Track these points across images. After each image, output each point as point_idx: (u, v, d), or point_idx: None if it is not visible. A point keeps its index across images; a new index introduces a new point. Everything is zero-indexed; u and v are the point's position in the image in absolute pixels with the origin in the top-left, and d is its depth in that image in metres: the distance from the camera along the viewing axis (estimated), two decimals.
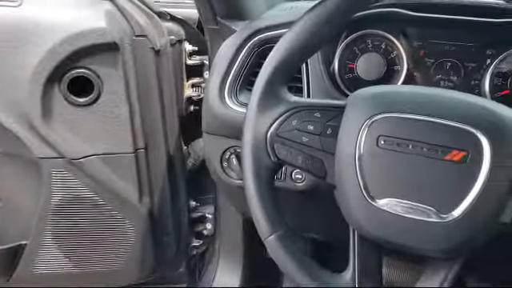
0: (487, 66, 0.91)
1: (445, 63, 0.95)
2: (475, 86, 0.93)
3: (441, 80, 0.96)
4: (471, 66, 0.93)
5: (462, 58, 0.94)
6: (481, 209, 0.62)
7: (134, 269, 1.39)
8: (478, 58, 0.93)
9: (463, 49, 0.94)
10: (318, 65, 0.99)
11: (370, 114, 0.68)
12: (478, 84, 0.92)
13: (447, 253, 0.66)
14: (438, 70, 0.96)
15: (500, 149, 0.62)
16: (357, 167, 0.67)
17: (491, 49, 0.92)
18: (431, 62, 0.96)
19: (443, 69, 0.95)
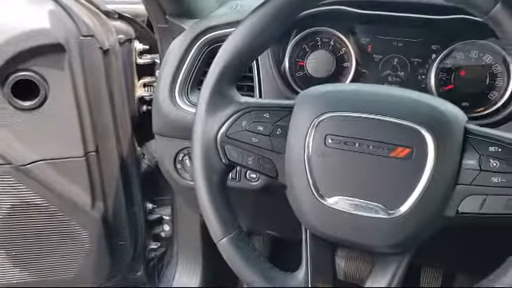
0: (432, 61, 0.93)
1: (392, 59, 0.97)
2: (422, 81, 0.95)
3: (389, 75, 0.97)
4: (417, 61, 0.95)
5: (408, 53, 0.96)
6: (426, 204, 0.63)
7: (90, 274, 1.35)
8: (424, 54, 0.95)
9: (409, 45, 0.96)
10: (268, 63, 0.99)
11: (317, 113, 0.68)
12: (425, 79, 0.94)
13: (395, 248, 0.67)
14: (386, 65, 0.97)
15: (443, 144, 0.63)
16: (306, 166, 0.68)
17: (436, 44, 0.94)
18: (379, 58, 0.97)
19: (391, 64, 0.97)
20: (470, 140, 0.64)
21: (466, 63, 0.91)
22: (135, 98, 1.35)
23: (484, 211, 0.63)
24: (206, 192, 0.73)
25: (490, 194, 0.62)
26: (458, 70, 0.91)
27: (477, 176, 0.63)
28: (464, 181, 0.64)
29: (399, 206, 0.64)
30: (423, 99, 0.67)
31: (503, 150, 0.62)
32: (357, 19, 0.97)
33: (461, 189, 0.64)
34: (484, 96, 0.90)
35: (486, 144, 0.63)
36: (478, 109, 0.91)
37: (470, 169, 0.63)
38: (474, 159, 0.63)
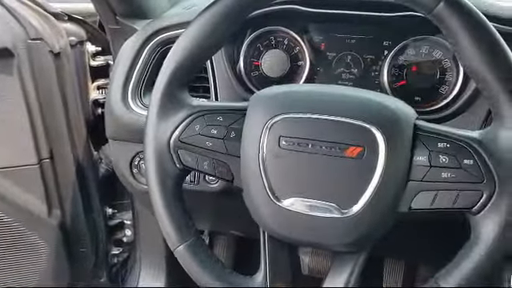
0: (385, 58, 0.94)
1: (345, 56, 0.97)
2: (375, 78, 0.96)
3: (343, 73, 0.98)
4: (370, 58, 0.96)
5: (361, 50, 0.96)
6: (379, 202, 0.64)
7: (49, 284, 1.32)
8: (376, 51, 0.95)
9: (362, 42, 0.96)
10: (222, 64, 0.98)
11: (270, 115, 0.68)
12: (378, 75, 0.95)
13: (351, 246, 0.68)
14: (340, 63, 0.97)
15: (394, 142, 0.64)
16: (261, 169, 0.67)
17: (387, 41, 0.95)
18: (333, 56, 0.98)
19: (344, 62, 0.97)
20: (419, 137, 0.65)
21: (417, 59, 0.93)
22: (89, 101, 1.32)
23: (435, 206, 0.64)
24: (160, 199, 0.71)
25: (441, 190, 0.64)
26: (409, 66, 0.93)
27: (427, 172, 0.64)
28: (415, 177, 0.65)
29: (352, 205, 0.65)
30: (374, 98, 0.68)
31: (452, 146, 0.64)
32: (310, 18, 0.97)
33: (412, 185, 0.65)
34: (435, 90, 0.92)
35: (436, 140, 0.65)
36: (430, 103, 0.92)
37: (420, 165, 0.64)
38: (424, 156, 0.64)
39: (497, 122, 0.62)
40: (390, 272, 1.44)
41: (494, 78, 0.60)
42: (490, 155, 0.61)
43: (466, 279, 0.62)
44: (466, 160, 0.62)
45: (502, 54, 0.61)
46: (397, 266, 1.43)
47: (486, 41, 0.61)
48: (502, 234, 0.61)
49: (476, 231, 0.63)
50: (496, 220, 0.61)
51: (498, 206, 0.61)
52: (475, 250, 0.62)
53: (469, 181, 0.62)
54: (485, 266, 0.62)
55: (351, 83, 0.98)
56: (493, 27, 0.61)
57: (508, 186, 0.60)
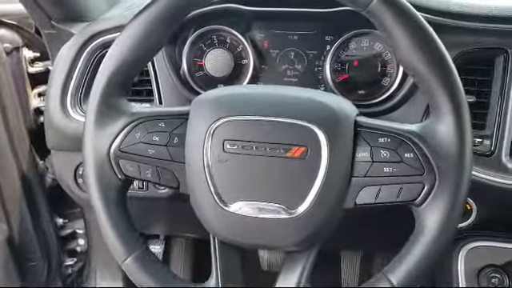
0: (327, 53, 0.95)
1: (289, 53, 0.97)
2: (318, 73, 0.96)
3: (287, 69, 0.97)
4: (313, 53, 0.96)
5: (304, 46, 0.96)
6: (325, 200, 0.64)
7: None
8: (319, 46, 0.96)
9: (304, 38, 0.96)
10: (165, 65, 0.95)
11: (213, 119, 0.67)
12: (321, 70, 0.96)
13: (301, 245, 0.68)
14: (284, 60, 0.97)
15: (335, 140, 0.64)
16: (206, 174, 0.66)
17: (329, 35, 0.95)
18: (276, 53, 0.97)
19: (288, 58, 0.97)
20: (360, 133, 0.66)
21: (359, 53, 0.93)
22: (30, 110, 1.26)
23: (380, 201, 0.65)
24: (103, 212, 0.69)
25: (384, 184, 0.64)
26: (351, 60, 0.93)
27: (370, 167, 0.65)
28: (358, 173, 0.65)
29: (299, 205, 0.65)
30: (315, 97, 0.68)
31: (392, 140, 0.64)
32: (251, 16, 0.96)
33: (356, 181, 0.65)
34: (378, 83, 0.93)
35: (376, 136, 0.65)
36: (373, 96, 0.93)
37: (363, 161, 0.65)
38: (365, 151, 0.65)
39: (434, 115, 0.63)
40: (348, 264, 1.46)
41: (429, 72, 0.61)
42: (429, 148, 0.63)
43: (413, 271, 0.63)
44: (407, 153, 0.63)
45: (435, 49, 0.62)
46: (353, 258, 1.45)
47: (420, 36, 0.61)
48: (444, 224, 0.62)
49: (420, 222, 0.64)
50: (438, 210, 0.62)
51: (439, 197, 0.62)
52: (420, 241, 0.63)
53: (410, 174, 0.63)
54: (430, 256, 0.63)
55: (296, 79, 0.98)
56: (426, 23, 0.62)
57: (447, 177, 0.62)
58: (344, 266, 1.47)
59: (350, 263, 1.46)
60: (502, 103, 0.86)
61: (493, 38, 0.86)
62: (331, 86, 0.94)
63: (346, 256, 1.47)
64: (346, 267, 1.47)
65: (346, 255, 1.46)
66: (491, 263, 0.88)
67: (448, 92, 0.61)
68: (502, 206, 0.87)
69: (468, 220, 0.88)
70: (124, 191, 0.72)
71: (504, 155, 0.86)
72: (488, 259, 0.88)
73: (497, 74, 0.86)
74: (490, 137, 0.86)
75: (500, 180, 0.85)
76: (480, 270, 0.88)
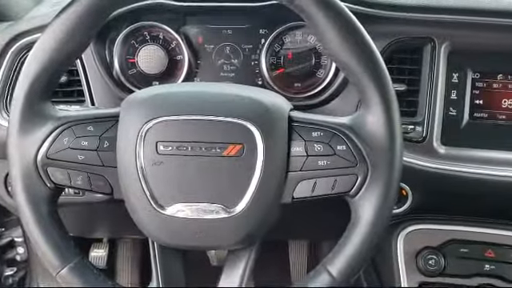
0: (262, 46, 0.94)
1: (224, 47, 0.96)
2: (255, 67, 0.96)
3: (224, 64, 0.96)
4: (248, 47, 0.96)
5: (239, 41, 0.96)
6: (263, 196, 0.64)
7: None
8: (254, 40, 0.95)
9: (239, 32, 0.96)
10: (94, 64, 0.92)
11: (144, 120, 0.65)
12: (258, 64, 0.95)
13: (242, 243, 0.68)
14: (219, 55, 0.96)
15: (270, 136, 0.64)
16: (140, 178, 0.64)
17: (264, 29, 0.95)
18: (211, 48, 0.96)
19: (224, 53, 0.96)
20: (294, 128, 0.66)
21: (293, 45, 0.94)
22: None
23: (316, 194, 0.65)
24: (34, 224, 0.66)
25: (319, 177, 0.65)
26: (286, 53, 0.94)
27: (305, 161, 0.65)
28: (294, 168, 0.65)
29: (238, 203, 0.64)
30: (248, 94, 0.67)
31: (325, 134, 0.65)
32: (183, 11, 0.94)
33: (293, 176, 0.66)
34: (313, 75, 0.94)
35: (310, 130, 0.66)
36: (309, 88, 0.94)
37: (298, 156, 0.65)
38: (300, 146, 0.65)
39: (364, 107, 0.65)
40: (295, 252, 1.48)
41: (356, 65, 0.62)
42: (360, 139, 0.64)
43: (351, 260, 0.64)
44: (339, 146, 0.64)
45: (362, 42, 0.62)
46: (301, 246, 1.47)
47: (346, 30, 0.62)
48: (378, 213, 0.63)
49: (355, 213, 0.65)
50: (372, 200, 0.63)
51: (372, 187, 0.63)
52: (356, 231, 0.64)
53: (343, 166, 0.64)
54: (367, 244, 0.64)
55: (233, 74, 0.97)
56: (352, 16, 0.62)
57: (379, 167, 0.63)
58: (292, 255, 1.49)
59: (298, 251, 1.48)
60: (431, 90, 0.88)
61: (421, 28, 0.88)
62: (268, 80, 0.94)
63: (293, 244, 1.49)
64: (293, 255, 1.49)
65: (294, 243, 1.48)
66: (428, 245, 0.91)
67: (376, 84, 0.62)
68: (435, 190, 0.90)
69: (404, 205, 0.91)
70: (54, 200, 0.69)
71: (435, 140, 0.89)
72: (425, 242, 0.92)
73: (425, 62, 0.89)
74: (421, 123, 0.89)
75: (432, 165, 0.88)
76: (418, 252, 0.91)
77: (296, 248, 1.48)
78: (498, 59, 0.89)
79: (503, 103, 0.89)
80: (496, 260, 0.90)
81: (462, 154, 0.89)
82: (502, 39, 0.88)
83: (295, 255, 1.48)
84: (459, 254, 0.91)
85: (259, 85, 0.96)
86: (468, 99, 0.90)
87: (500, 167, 0.87)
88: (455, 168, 0.87)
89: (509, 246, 0.90)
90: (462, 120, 0.90)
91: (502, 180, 0.87)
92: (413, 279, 0.91)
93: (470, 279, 0.90)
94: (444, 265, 0.90)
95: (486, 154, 0.89)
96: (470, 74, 0.90)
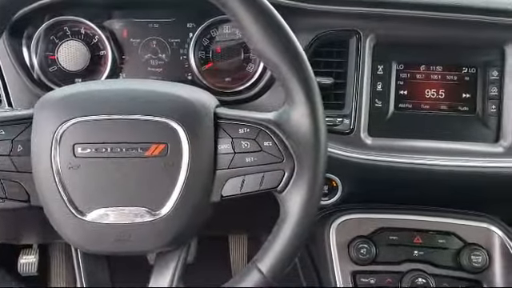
0: (190, 40, 0.92)
1: (151, 42, 0.93)
2: (184, 62, 0.93)
3: (150, 59, 0.93)
4: (176, 41, 0.93)
5: (166, 35, 0.93)
6: (190, 196, 0.63)
7: None
8: (181, 34, 0.93)
9: (166, 25, 0.93)
10: (10, 63, 0.86)
11: (59, 121, 0.61)
12: (186, 59, 0.93)
13: (170, 245, 0.66)
14: (146, 49, 0.93)
15: (195, 134, 0.62)
16: (57, 183, 0.61)
17: (191, 23, 0.93)
18: (137, 42, 0.93)
19: (150, 48, 0.93)
20: (221, 125, 0.65)
21: (221, 39, 0.92)
22: None
23: (245, 191, 0.64)
24: None
25: (247, 174, 0.64)
26: (215, 47, 0.92)
27: (232, 159, 0.64)
28: (222, 165, 0.64)
29: (163, 205, 0.62)
30: (170, 91, 0.65)
31: (251, 130, 0.64)
32: (106, 4, 0.90)
33: (221, 174, 0.64)
34: (243, 69, 0.93)
35: (236, 126, 0.65)
36: (239, 82, 0.93)
37: (225, 153, 0.64)
38: (227, 143, 0.64)
39: (288, 102, 0.64)
40: (236, 245, 1.48)
41: (279, 60, 0.61)
42: (286, 135, 0.63)
43: (281, 256, 0.64)
44: (266, 142, 0.64)
45: (284, 37, 0.62)
46: (241, 239, 1.47)
47: (268, 25, 0.61)
48: (305, 207, 0.63)
49: (284, 208, 0.65)
50: (299, 195, 0.63)
51: (298, 182, 0.63)
52: (285, 227, 0.64)
53: (270, 162, 0.64)
54: (296, 239, 0.64)
55: (161, 69, 0.94)
56: (274, 10, 0.61)
57: (304, 162, 0.63)
58: (232, 248, 1.48)
59: (238, 244, 1.48)
60: (357, 83, 0.90)
61: (346, 21, 0.89)
62: (197, 75, 0.93)
63: (233, 238, 1.48)
64: (234, 248, 1.48)
65: (234, 238, 1.48)
66: (359, 234, 0.93)
67: (299, 79, 0.62)
68: (364, 181, 0.92)
69: (335, 197, 0.92)
70: None
71: (362, 132, 0.90)
72: (356, 231, 0.94)
73: (351, 55, 0.90)
74: (348, 116, 0.90)
75: (360, 156, 0.89)
76: (350, 241, 0.93)
77: (236, 243, 1.47)
78: (421, 51, 0.92)
79: (426, 93, 0.92)
80: (424, 246, 0.93)
81: (389, 144, 0.91)
82: (424, 31, 0.90)
83: (235, 250, 1.47)
84: (389, 241, 0.93)
85: (189, 80, 0.94)
86: (393, 90, 0.92)
87: (425, 156, 0.90)
88: (382, 158, 0.90)
89: (435, 232, 0.94)
90: (388, 111, 0.92)
91: (427, 168, 0.90)
92: (346, 268, 0.92)
93: (401, 265, 0.93)
94: (375, 253, 0.92)
95: (411, 143, 0.91)
96: (394, 65, 0.92)
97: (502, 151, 0.90)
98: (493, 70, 0.91)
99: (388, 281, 0.92)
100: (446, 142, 0.91)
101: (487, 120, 0.91)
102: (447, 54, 0.92)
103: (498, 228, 0.93)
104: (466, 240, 0.93)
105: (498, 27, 0.88)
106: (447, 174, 0.90)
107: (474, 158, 0.90)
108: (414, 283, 0.90)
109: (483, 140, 0.92)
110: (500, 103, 0.90)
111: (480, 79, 0.91)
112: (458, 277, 0.92)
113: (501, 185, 0.91)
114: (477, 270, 0.91)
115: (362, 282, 0.92)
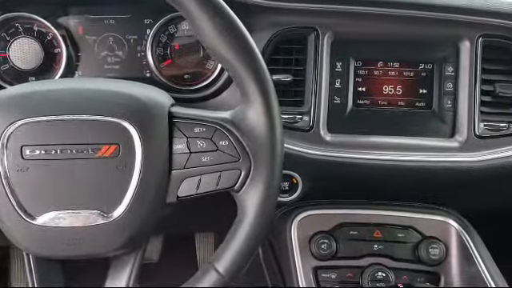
0: (148, 37, 0.91)
1: (107, 39, 0.91)
2: (142, 59, 0.92)
3: (107, 56, 0.92)
4: (133, 38, 0.92)
5: (122, 31, 0.91)
6: (144, 198, 0.61)
7: None
8: (138, 30, 0.91)
9: (122, 22, 0.91)
10: None
11: (6, 122, 0.59)
12: (144, 56, 0.91)
13: (124, 248, 0.64)
14: (102, 46, 0.91)
15: (149, 134, 0.61)
16: (5, 186, 0.59)
17: (148, 19, 0.91)
18: (93, 40, 0.91)
19: (107, 45, 0.91)
20: (176, 124, 0.64)
21: (180, 35, 0.91)
22: None
23: (201, 191, 0.64)
24: None
25: (203, 174, 0.64)
26: (173, 44, 0.91)
27: (188, 159, 0.63)
28: (177, 166, 0.63)
29: (116, 207, 0.61)
30: (123, 90, 0.64)
31: (207, 129, 0.64)
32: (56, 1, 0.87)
33: (176, 174, 0.63)
34: (202, 66, 0.92)
35: (191, 126, 0.64)
36: (199, 80, 0.92)
37: (180, 153, 0.63)
38: (182, 143, 0.63)
39: (244, 101, 0.64)
40: (202, 242, 1.47)
41: (233, 58, 0.61)
42: (242, 134, 0.63)
43: (238, 256, 0.63)
44: (222, 141, 0.63)
45: (238, 35, 0.61)
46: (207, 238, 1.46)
47: (222, 22, 0.60)
48: (262, 206, 0.63)
49: (241, 208, 0.65)
50: (256, 194, 0.63)
51: (255, 181, 0.63)
52: (242, 226, 0.64)
53: (227, 161, 0.63)
54: (253, 239, 0.64)
55: (118, 66, 0.93)
56: (227, 8, 0.61)
57: (261, 161, 0.63)
58: (199, 246, 1.47)
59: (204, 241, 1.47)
60: (316, 80, 0.90)
61: (304, 18, 0.89)
62: (156, 72, 0.91)
63: (199, 236, 1.48)
64: (200, 245, 1.48)
65: (200, 236, 1.47)
66: (320, 230, 0.94)
67: (254, 77, 0.61)
68: (324, 177, 0.93)
69: (295, 193, 0.92)
70: None
71: (322, 129, 0.91)
72: (317, 227, 0.94)
73: (310, 52, 0.90)
74: (308, 113, 0.91)
75: (320, 153, 0.90)
76: (311, 237, 0.93)
77: (203, 241, 1.46)
78: (379, 47, 0.93)
79: (384, 89, 0.93)
80: (383, 240, 0.94)
81: (348, 140, 0.92)
82: (380, 28, 0.91)
83: (202, 248, 1.46)
84: (349, 236, 0.94)
85: (147, 77, 0.92)
86: (351, 87, 0.93)
87: (383, 151, 0.91)
88: (342, 154, 0.90)
89: (394, 226, 0.95)
90: (347, 107, 0.93)
91: (385, 164, 0.91)
92: (307, 264, 0.92)
93: (361, 260, 0.93)
94: (336, 248, 0.93)
95: (370, 139, 0.92)
96: (352, 62, 0.93)
97: (457, 146, 0.92)
98: (448, 65, 0.92)
99: (349, 275, 0.93)
100: (404, 137, 0.93)
101: (443, 115, 0.93)
102: (404, 50, 0.93)
103: (454, 221, 0.95)
104: (424, 233, 0.95)
105: (453, 24, 0.90)
106: (405, 169, 0.91)
107: (431, 153, 0.91)
108: (374, 277, 0.91)
109: (439, 135, 0.93)
110: (455, 99, 0.92)
111: (436, 75, 0.93)
112: (417, 269, 0.93)
113: (456, 179, 0.93)
114: (434, 262, 0.92)
115: (323, 278, 0.92)
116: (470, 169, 0.91)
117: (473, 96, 0.91)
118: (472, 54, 0.91)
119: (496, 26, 0.90)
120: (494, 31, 0.91)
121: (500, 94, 0.91)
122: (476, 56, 0.91)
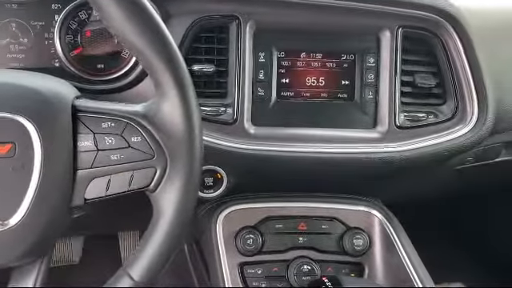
0: (56, 23, 0.83)
1: (9, 24, 0.83)
2: (50, 47, 0.85)
3: (10, 44, 0.83)
4: (40, 24, 0.84)
5: (27, 17, 0.83)
6: (45, 201, 0.56)
7: None
8: (45, 15, 0.84)
9: (27, 6, 0.83)
10: None
11: None
12: (52, 44, 0.84)
13: (26, 257, 0.58)
14: (4, 33, 0.83)
15: (49, 131, 0.56)
16: None
17: (56, 4, 0.84)
18: None
19: (9, 31, 0.83)
20: (81, 118, 0.58)
21: (91, 22, 0.84)
22: None
23: (111, 192, 0.59)
24: None
25: (113, 173, 0.59)
26: (84, 31, 0.84)
27: (95, 157, 0.58)
28: (84, 165, 0.58)
29: (13, 213, 0.55)
30: (18, 82, 0.57)
31: (117, 125, 0.59)
32: None
33: (83, 174, 0.58)
34: (117, 55, 0.86)
35: (99, 120, 0.59)
36: (113, 70, 0.86)
37: (86, 151, 0.58)
38: (88, 140, 0.58)
39: (158, 93, 0.59)
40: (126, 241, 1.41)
41: (145, 46, 0.55)
42: (156, 129, 0.59)
43: (154, 261, 0.59)
44: (133, 137, 0.59)
45: (148, 20, 0.56)
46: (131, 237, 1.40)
47: (130, 7, 0.55)
48: (180, 206, 0.59)
49: (157, 208, 0.60)
50: (173, 193, 0.59)
51: (172, 179, 0.59)
52: (158, 229, 0.59)
53: (140, 159, 0.59)
54: (170, 241, 0.60)
55: (23, 55, 0.85)
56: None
57: (178, 158, 0.59)
58: (122, 245, 1.41)
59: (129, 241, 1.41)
60: (239, 71, 0.87)
61: (225, 5, 0.86)
62: (65, 62, 0.84)
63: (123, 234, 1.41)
64: (124, 244, 1.41)
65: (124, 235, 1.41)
66: (246, 225, 0.92)
67: (168, 67, 0.57)
68: (249, 171, 0.90)
69: (220, 189, 0.89)
70: None
71: (246, 121, 0.88)
72: (243, 221, 0.92)
73: (232, 41, 0.87)
74: (231, 105, 0.87)
75: (244, 146, 0.87)
76: (237, 232, 0.91)
77: (126, 240, 1.40)
78: (301, 38, 0.91)
79: (307, 81, 0.92)
80: (308, 232, 0.94)
81: (272, 132, 0.90)
82: (302, 17, 0.89)
83: (126, 247, 1.40)
84: (275, 230, 0.93)
85: (56, 67, 0.85)
86: (275, 78, 0.91)
87: (307, 143, 0.90)
88: (266, 147, 0.88)
89: (318, 218, 0.95)
90: (271, 99, 0.91)
91: (309, 156, 0.90)
92: (233, 260, 0.90)
93: (287, 253, 0.93)
94: (261, 242, 0.91)
95: (293, 131, 0.91)
96: (275, 53, 0.90)
97: (379, 136, 0.92)
98: (369, 56, 0.92)
99: (275, 270, 0.92)
100: (327, 129, 0.92)
101: (365, 106, 0.93)
102: (326, 41, 0.92)
103: (377, 211, 0.97)
104: (349, 224, 0.96)
105: (373, 14, 0.90)
106: (329, 160, 0.91)
107: (354, 144, 0.91)
108: (300, 270, 0.91)
109: (362, 126, 0.93)
110: (376, 90, 0.93)
111: (358, 66, 0.93)
112: (342, 261, 0.94)
113: (379, 169, 0.94)
114: (358, 252, 0.93)
115: (249, 274, 0.91)
116: (391, 159, 0.92)
117: (393, 87, 0.92)
118: (392, 45, 0.91)
119: (415, 18, 0.91)
120: (413, 22, 0.91)
121: (419, 84, 0.93)
122: (396, 47, 0.91)
